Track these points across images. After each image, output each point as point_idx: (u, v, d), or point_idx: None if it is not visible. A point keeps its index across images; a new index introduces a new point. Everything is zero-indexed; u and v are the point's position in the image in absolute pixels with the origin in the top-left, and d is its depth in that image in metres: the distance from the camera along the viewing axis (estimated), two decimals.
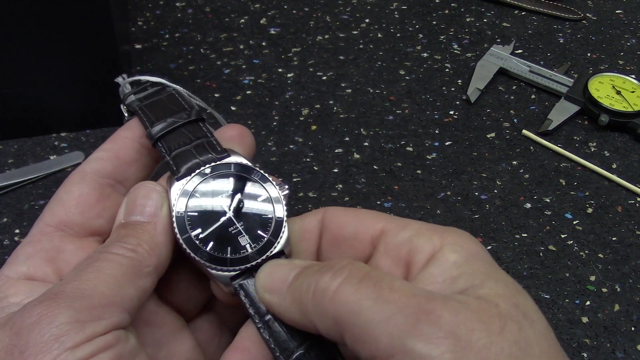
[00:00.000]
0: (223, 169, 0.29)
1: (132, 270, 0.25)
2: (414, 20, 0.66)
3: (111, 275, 0.24)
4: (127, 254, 0.25)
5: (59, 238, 0.28)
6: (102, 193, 0.29)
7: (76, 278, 0.24)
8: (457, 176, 0.50)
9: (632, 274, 0.44)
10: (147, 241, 0.26)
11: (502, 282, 0.23)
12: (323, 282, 0.23)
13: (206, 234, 0.28)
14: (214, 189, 0.29)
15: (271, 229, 0.28)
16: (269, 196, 0.29)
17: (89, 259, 0.25)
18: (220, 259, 0.27)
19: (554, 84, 0.57)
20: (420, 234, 0.26)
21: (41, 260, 0.27)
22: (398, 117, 0.55)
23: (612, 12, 0.68)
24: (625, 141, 0.54)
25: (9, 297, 0.25)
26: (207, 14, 0.65)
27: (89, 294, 0.23)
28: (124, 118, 0.32)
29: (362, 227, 0.28)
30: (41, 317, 0.22)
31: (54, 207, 0.29)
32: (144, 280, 0.25)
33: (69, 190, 0.29)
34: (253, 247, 0.28)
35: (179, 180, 0.29)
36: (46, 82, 0.48)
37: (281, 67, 0.59)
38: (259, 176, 0.29)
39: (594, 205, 0.48)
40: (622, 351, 0.39)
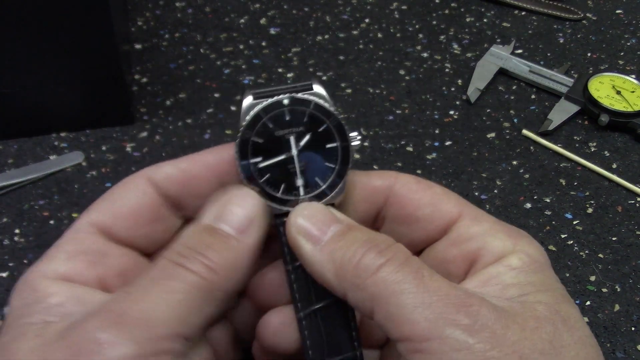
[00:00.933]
0: (302, 103, 0.27)
1: (204, 295, 0.23)
2: (414, 20, 0.66)
3: (181, 301, 0.23)
4: (206, 274, 0.24)
5: (103, 242, 0.26)
6: (158, 214, 0.27)
7: (145, 297, 0.22)
8: (457, 176, 0.50)
9: (632, 274, 0.44)
10: (231, 262, 0.24)
11: (550, 293, 0.24)
12: (370, 255, 0.23)
13: (265, 165, 0.27)
14: (286, 121, 0.27)
15: (329, 180, 0.27)
16: (338, 145, 0.27)
17: (163, 270, 0.23)
18: (270, 195, 0.27)
19: (554, 84, 0.57)
20: (494, 234, 0.26)
21: (84, 264, 0.25)
22: (398, 117, 0.55)
23: (612, 12, 0.68)
24: (625, 141, 0.54)
25: (50, 298, 0.24)
26: (207, 14, 0.65)
27: (155, 324, 0.22)
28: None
29: (438, 212, 0.27)
30: (104, 344, 0.21)
31: (105, 207, 0.27)
32: (213, 306, 0.24)
33: (125, 197, 0.27)
34: (306, 192, 0.27)
35: (255, 98, 0.27)
36: (46, 82, 0.48)
37: (281, 67, 0.59)
38: (335, 123, 0.28)
39: (594, 205, 0.48)
40: (622, 351, 0.39)
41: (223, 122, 0.53)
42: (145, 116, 0.54)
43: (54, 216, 0.46)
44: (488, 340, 0.21)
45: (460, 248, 0.26)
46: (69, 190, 0.47)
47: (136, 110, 0.54)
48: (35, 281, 0.25)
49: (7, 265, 0.43)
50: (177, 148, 0.51)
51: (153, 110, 0.54)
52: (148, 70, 0.58)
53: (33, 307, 0.24)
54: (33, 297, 0.24)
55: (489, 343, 0.21)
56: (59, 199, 0.47)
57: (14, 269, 0.43)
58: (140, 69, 0.58)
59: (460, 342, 0.21)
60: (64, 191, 0.47)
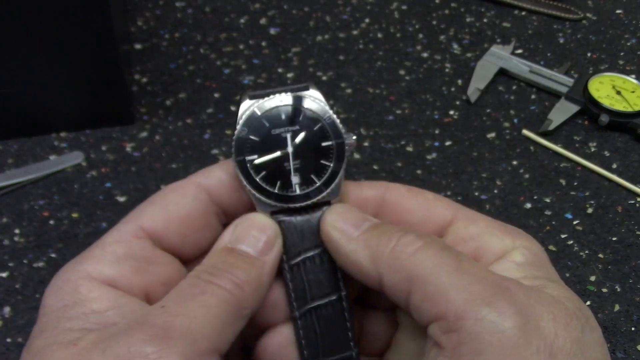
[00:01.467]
0: (297, 102, 0.28)
1: (234, 310, 0.23)
2: (414, 20, 0.66)
3: (217, 316, 0.23)
4: (234, 290, 0.24)
5: (152, 248, 0.26)
6: (207, 221, 0.27)
7: (185, 311, 0.22)
8: (457, 176, 0.50)
9: (632, 274, 0.44)
10: (254, 279, 0.25)
11: (564, 288, 0.24)
12: (407, 239, 0.23)
13: (261, 161, 0.27)
14: (282, 119, 0.28)
15: (325, 177, 0.28)
16: (333, 143, 0.28)
17: (194, 287, 0.23)
18: (266, 191, 0.27)
19: (554, 84, 0.57)
20: (492, 233, 0.26)
21: (130, 269, 0.25)
22: (398, 117, 0.55)
23: (612, 12, 0.68)
24: (625, 141, 0.54)
25: (92, 303, 0.23)
26: (207, 14, 0.65)
27: (198, 337, 0.22)
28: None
29: (431, 216, 0.27)
30: (151, 358, 0.20)
31: (156, 212, 0.26)
32: (241, 322, 0.24)
33: (179, 203, 0.27)
34: (302, 189, 0.27)
35: (251, 99, 0.28)
36: (46, 82, 0.48)
37: (281, 67, 0.59)
38: (330, 121, 0.28)
39: (594, 205, 0.48)
40: (622, 351, 0.39)
41: (223, 122, 0.53)
42: (145, 116, 0.54)
43: (54, 216, 0.46)
44: (520, 327, 0.21)
45: (458, 248, 0.26)
46: (69, 190, 0.47)
47: (136, 110, 0.54)
48: (78, 281, 0.24)
49: (7, 265, 0.43)
50: (177, 148, 0.51)
51: (153, 110, 0.54)
52: (148, 70, 0.58)
53: (72, 311, 0.23)
54: (73, 299, 0.23)
55: (520, 329, 0.21)
56: (59, 199, 0.47)
57: (14, 269, 0.43)
58: (140, 69, 0.58)
59: (494, 324, 0.21)
60: (64, 191, 0.47)
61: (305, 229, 0.28)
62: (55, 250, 0.44)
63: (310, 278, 0.27)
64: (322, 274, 0.27)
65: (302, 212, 0.28)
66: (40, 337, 0.22)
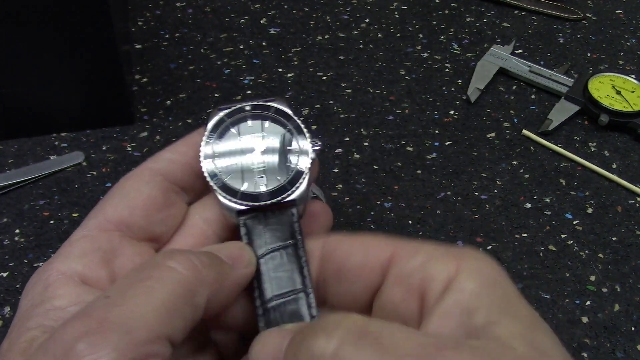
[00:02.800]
0: (263, 110, 0.30)
1: (185, 294, 0.22)
2: (414, 20, 0.66)
3: (162, 301, 0.22)
4: (188, 272, 0.23)
5: (118, 238, 0.26)
6: (169, 199, 0.28)
7: (124, 300, 0.21)
8: (457, 176, 0.50)
9: (632, 274, 0.44)
10: (216, 270, 0.24)
11: (519, 318, 0.22)
12: (318, 347, 0.20)
13: (227, 164, 0.29)
14: (249, 126, 0.30)
15: (290, 177, 0.29)
16: (298, 147, 0.30)
17: (142, 272, 0.23)
18: (232, 190, 0.28)
19: (554, 84, 0.57)
20: (434, 259, 0.24)
21: (97, 261, 0.25)
22: (398, 117, 0.55)
23: (612, 12, 0.68)
24: (625, 141, 0.54)
25: (55, 300, 0.23)
26: (207, 14, 0.65)
27: (136, 327, 0.21)
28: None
29: (370, 256, 0.26)
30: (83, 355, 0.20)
31: (118, 202, 0.27)
32: (193, 309, 0.23)
33: (137, 189, 0.28)
34: (267, 188, 0.28)
35: (220, 110, 0.30)
36: (46, 82, 0.48)
37: (281, 67, 0.59)
38: (295, 125, 0.30)
39: (594, 205, 0.48)
40: (622, 351, 0.39)
41: None
42: (145, 116, 0.54)
43: (54, 216, 0.46)
44: None
45: (403, 285, 0.24)
46: (69, 190, 0.47)
47: (136, 110, 0.54)
48: (47, 280, 0.24)
49: (7, 265, 0.43)
50: None
51: (153, 110, 0.54)
52: (148, 70, 0.58)
53: (37, 309, 0.23)
54: (41, 298, 0.24)
55: None
56: (59, 199, 0.47)
57: (14, 269, 0.43)
58: (140, 69, 0.58)
59: None
60: (64, 191, 0.47)
61: (272, 228, 0.28)
62: (55, 250, 0.44)
63: (276, 275, 0.27)
64: (287, 271, 0.27)
65: (268, 214, 0.29)
66: (7, 339, 0.23)
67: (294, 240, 0.28)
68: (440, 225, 0.46)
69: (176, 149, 0.29)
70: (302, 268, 0.27)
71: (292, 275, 0.27)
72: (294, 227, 0.28)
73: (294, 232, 0.28)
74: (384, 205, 0.47)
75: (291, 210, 0.29)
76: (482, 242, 0.45)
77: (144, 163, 0.29)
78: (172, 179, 0.28)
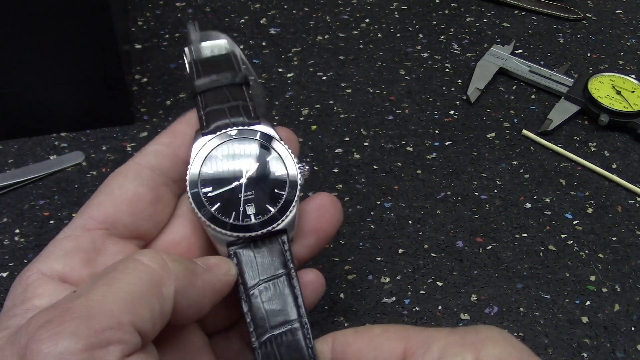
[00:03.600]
0: (249, 135, 0.29)
1: (150, 284, 0.22)
2: (414, 20, 0.66)
3: (125, 291, 0.22)
4: (155, 265, 0.23)
5: (101, 237, 0.26)
6: (157, 194, 0.28)
7: (88, 291, 0.22)
8: (457, 176, 0.50)
9: (632, 274, 0.44)
10: (184, 267, 0.24)
11: None
12: None
13: (215, 194, 0.28)
14: (234, 152, 0.28)
15: (279, 206, 0.28)
16: (286, 173, 0.29)
17: (111, 265, 0.23)
18: (221, 222, 0.27)
19: (554, 84, 0.57)
20: (451, 352, 0.23)
21: (79, 261, 0.25)
22: (398, 117, 0.55)
23: (612, 12, 0.68)
24: (625, 141, 0.54)
25: (34, 299, 0.24)
26: (207, 14, 0.65)
27: (95, 314, 0.21)
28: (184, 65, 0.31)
29: (382, 354, 0.24)
30: (45, 342, 0.20)
31: (103, 200, 0.27)
32: (160, 300, 0.23)
33: (122, 186, 0.27)
34: (257, 218, 0.28)
35: (203, 136, 0.28)
36: (46, 82, 0.48)
37: (281, 67, 0.59)
38: (282, 150, 0.29)
39: (594, 205, 0.48)
40: (622, 351, 0.39)
41: None
42: (145, 116, 0.54)
43: (54, 216, 0.46)
44: None
45: None
46: (69, 190, 0.47)
47: (136, 110, 0.54)
48: (28, 279, 0.24)
49: (7, 265, 0.43)
50: None
51: (153, 110, 0.54)
52: (148, 70, 0.58)
53: (16, 309, 0.24)
54: (21, 298, 0.24)
55: None
56: (59, 199, 0.47)
57: (14, 269, 0.43)
58: (140, 69, 0.58)
59: None
60: (64, 191, 0.47)
61: (263, 258, 0.28)
62: None
63: (269, 307, 0.27)
64: (281, 302, 0.27)
65: (258, 243, 0.28)
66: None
67: (286, 269, 0.28)
68: (440, 225, 0.46)
69: (160, 140, 0.29)
70: (297, 298, 0.27)
71: (286, 306, 0.27)
72: (285, 255, 0.28)
73: (286, 261, 0.28)
74: (384, 205, 0.47)
75: (281, 238, 0.28)
76: (482, 242, 0.45)
77: (131, 159, 0.29)
78: (160, 171, 0.28)
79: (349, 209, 0.47)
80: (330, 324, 0.40)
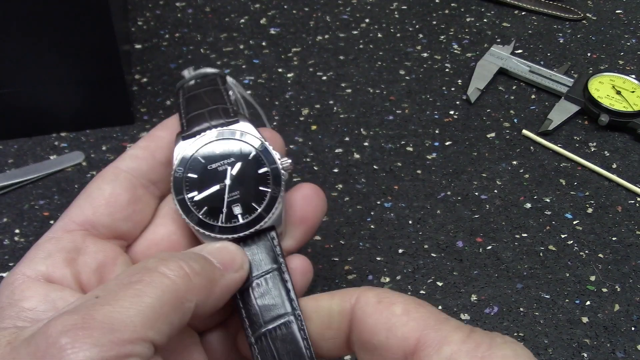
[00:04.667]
0: (229, 135, 0.29)
1: (174, 300, 0.23)
2: (414, 20, 0.66)
3: (150, 306, 0.22)
4: (179, 280, 0.23)
5: (82, 238, 0.27)
6: (135, 194, 0.28)
7: (111, 300, 0.22)
8: (457, 176, 0.50)
9: (632, 274, 0.44)
10: (207, 278, 0.24)
11: None
12: None
13: (201, 197, 0.28)
14: (216, 154, 0.29)
15: (264, 203, 0.28)
16: (269, 169, 0.29)
17: (134, 275, 0.23)
18: (209, 225, 0.28)
19: (554, 84, 0.57)
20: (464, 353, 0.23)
21: (61, 261, 0.26)
22: (398, 117, 0.55)
23: (612, 12, 0.68)
24: (625, 141, 0.54)
25: (23, 302, 0.24)
26: (207, 14, 0.65)
27: (120, 328, 0.21)
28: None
29: (394, 339, 0.24)
30: (66, 349, 0.20)
31: (82, 203, 0.28)
32: (181, 315, 0.23)
33: (100, 188, 0.28)
34: (244, 218, 0.28)
35: (184, 140, 0.29)
36: (46, 82, 0.48)
37: (281, 67, 0.59)
38: (262, 148, 0.29)
39: (594, 205, 0.48)
40: (622, 351, 0.39)
41: None
42: (145, 116, 0.54)
43: (54, 216, 0.46)
44: None
45: None
46: (69, 190, 0.47)
47: (136, 110, 0.54)
48: (14, 283, 0.25)
49: (7, 265, 0.43)
50: None
51: (153, 110, 0.54)
52: (148, 70, 0.58)
53: (6, 312, 0.24)
54: (8, 301, 0.24)
55: None
56: (59, 199, 0.47)
57: None
58: (140, 69, 0.58)
59: None
60: (64, 191, 0.47)
61: (253, 256, 0.28)
62: None
63: (263, 302, 0.27)
64: (274, 296, 0.27)
65: (248, 241, 0.28)
66: None
67: (277, 264, 0.28)
68: (440, 225, 0.46)
69: (138, 145, 0.30)
70: (289, 291, 0.27)
71: (279, 300, 0.27)
72: (275, 251, 0.28)
73: (276, 256, 0.28)
74: (384, 205, 0.47)
75: (270, 234, 0.28)
76: (482, 242, 0.45)
77: (110, 164, 0.29)
78: (138, 173, 0.29)
79: (349, 209, 0.47)
80: None
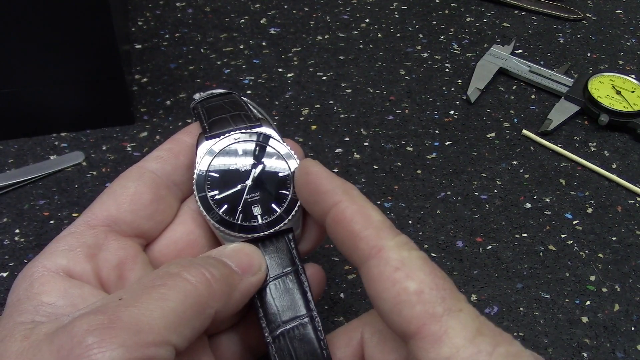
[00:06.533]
0: (252, 137, 0.30)
1: (196, 306, 0.23)
2: (414, 20, 0.66)
3: (173, 310, 0.22)
4: (201, 285, 0.24)
5: (104, 234, 0.27)
6: (158, 194, 0.28)
7: (137, 302, 0.22)
8: (457, 176, 0.50)
9: (632, 274, 0.44)
10: (226, 284, 0.25)
11: None
12: None
13: (222, 196, 0.29)
14: (239, 154, 0.29)
15: (285, 205, 0.29)
16: (290, 173, 0.30)
17: (158, 279, 0.23)
18: (229, 223, 0.28)
19: (554, 84, 0.57)
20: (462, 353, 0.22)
21: (82, 255, 0.26)
22: (398, 117, 0.55)
23: (612, 12, 0.68)
24: (625, 141, 0.54)
25: (42, 295, 0.24)
26: (207, 14, 0.65)
27: (145, 330, 0.21)
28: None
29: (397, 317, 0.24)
30: (92, 348, 0.20)
31: (105, 199, 0.28)
32: (202, 320, 0.24)
33: (124, 186, 0.28)
34: (264, 219, 0.29)
35: (207, 140, 0.29)
36: (46, 82, 0.48)
37: (281, 67, 0.59)
38: (285, 152, 0.30)
39: (594, 205, 0.48)
40: (622, 351, 0.39)
41: None
42: (145, 116, 0.54)
43: (54, 216, 0.46)
44: None
45: None
46: (69, 190, 0.47)
47: (136, 110, 0.54)
48: (34, 275, 0.25)
49: (7, 265, 0.43)
50: None
51: (153, 110, 0.54)
52: (148, 70, 0.58)
53: (24, 305, 0.24)
54: (27, 294, 0.24)
55: None
56: (59, 199, 0.47)
57: (14, 269, 0.43)
58: (140, 69, 0.58)
59: None
60: (64, 191, 0.47)
61: (272, 257, 0.29)
62: None
63: (280, 302, 0.28)
64: (291, 297, 0.28)
65: (266, 242, 0.29)
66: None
67: (294, 266, 0.28)
68: (440, 225, 0.46)
69: (162, 147, 0.30)
70: (306, 293, 0.28)
71: (296, 301, 0.28)
72: (292, 253, 0.29)
73: (293, 258, 0.29)
74: (384, 205, 0.47)
75: (288, 236, 0.29)
76: (482, 242, 0.45)
77: (134, 164, 0.30)
78: (162, 173, 0.29)
79: None
80: (331, 323, 0.40)
